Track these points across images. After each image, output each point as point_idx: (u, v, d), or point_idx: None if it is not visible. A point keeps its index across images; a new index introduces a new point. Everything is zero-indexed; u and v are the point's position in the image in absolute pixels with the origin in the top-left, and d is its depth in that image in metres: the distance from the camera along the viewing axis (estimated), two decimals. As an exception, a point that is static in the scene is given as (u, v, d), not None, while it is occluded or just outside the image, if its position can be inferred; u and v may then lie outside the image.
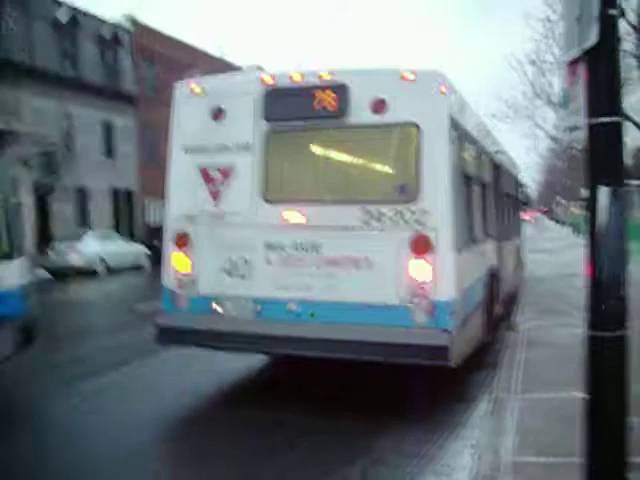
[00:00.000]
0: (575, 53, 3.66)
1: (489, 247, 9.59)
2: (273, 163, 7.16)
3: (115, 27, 37.58)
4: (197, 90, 7.51)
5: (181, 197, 7.54)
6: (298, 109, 7.03)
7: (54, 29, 33.21)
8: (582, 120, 3.68)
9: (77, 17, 34.57)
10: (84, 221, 34.46)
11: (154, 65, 40.86)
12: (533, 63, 25.26)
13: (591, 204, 3.59)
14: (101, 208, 36.03)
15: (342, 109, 6.80)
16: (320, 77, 6.93)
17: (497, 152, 11.68)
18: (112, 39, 37.14)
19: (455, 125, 6.99)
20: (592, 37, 3.45)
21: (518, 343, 9.04)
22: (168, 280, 7.45)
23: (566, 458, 4.69)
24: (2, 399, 7.61)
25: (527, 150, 55.83)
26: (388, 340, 6.39)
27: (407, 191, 6.64)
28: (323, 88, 6.88)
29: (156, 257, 30.78)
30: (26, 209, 30.41)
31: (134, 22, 39.94)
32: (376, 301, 6.55)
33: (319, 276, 6.77)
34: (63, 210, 32.77)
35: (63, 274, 25.71)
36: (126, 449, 5.89)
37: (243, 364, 8.91)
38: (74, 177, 33.52)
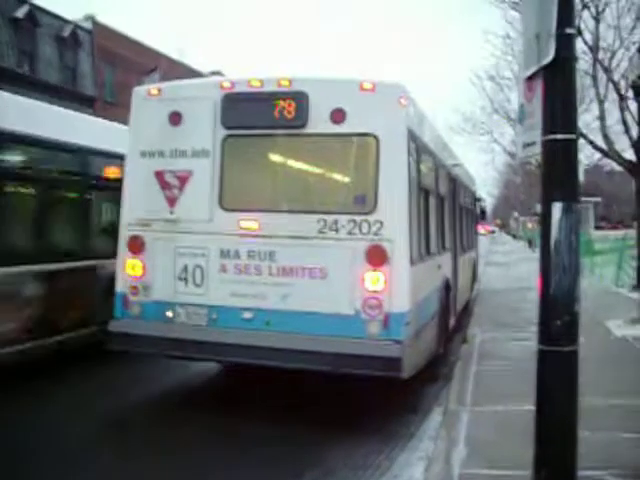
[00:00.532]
0: (533, 69, 3.70)
1: (445, 259, 9.65)
2: (230, 170, 7.07)
3: (75, 27, 37.08)
4: (155, 94, 7.39)
5: (137, 202, 7.36)
6: (257, 116, 6.95)
7: (12, 27, 32.64)
8: (538, 136, 3.71)
9: (36, 15, 34.02)
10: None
11: (114, 67, 40.43)
12: (492, 79, 25.69)
13: (545, 218, 3.62)
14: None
15: (301, 118, 6.75)
16: (279, 84, 6.87)
17: (454, 165, 11.78)
18: (72, 39, 36.63)
19: (413, 137, 7.03)
20: (550, 53, 3.49)
21: (471, 355, 9.11)
22: (121, 285, 7.29)
23: (516, 471, 4.71)
24: None
25: (484, 165, 56.61)
26: (342, 351, 6.34)
27: (364, 202, 6.64)
28: (282, 96, 6.81)
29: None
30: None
31: (95, 22, 39.49)
32: (330, 311, 6.51)
33: (274, 285, 6.71)
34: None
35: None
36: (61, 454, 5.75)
37: (195, 371, 8.80)
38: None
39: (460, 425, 6.07)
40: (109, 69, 40.22)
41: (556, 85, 3.60)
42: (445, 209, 9.98)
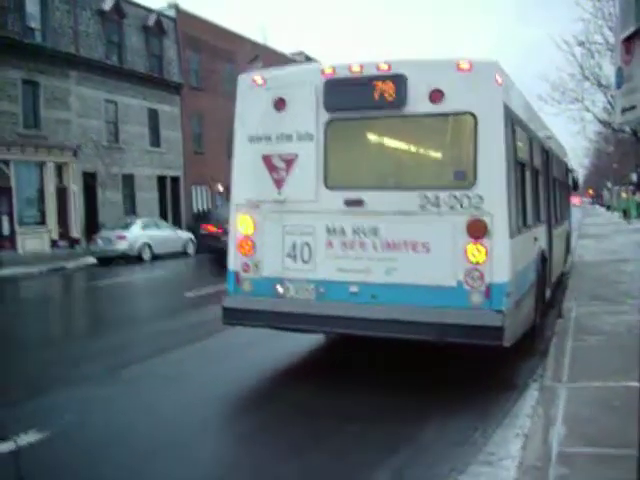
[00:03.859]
0: (631, 29, 3.51)
1: (540, 231, 9.70)
2: (334, 151, 7.34)
3: (159, 15, 37.79)
4: (259, 81, 7.69)
5: (245, 184, 7.77)
6: (358, 99, 7.19)
7: (99, 19, 33.56)
8: (639, 100, 3.53)
9: (121, 6, 34.85)
10: (131, 208, 34.93)
11: (198, 53, 41.04)
12: (582, 44, 24.75)
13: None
14: (147, 195, 36.44)
15: (400, 99, 6.93)
16: (379, 68, 7.08)
17: (547, 137, 11.69)
18: (156, 27, 37.37)
19: (509, 113, 7.13)
20: (649, 12, 3.31)
21: (567, 330, 8.86)
22: (233, 263, 7.74)
23: (619, 449, 4.56)
24: (49, 381, 7.76)
25: (574, 134, 54.54)
26: (446, 321, 6.58)
27: (464, 177, 6.82)
28: (382, 79, 7.01)
29: (200, 243, 31.17)
30: (74, 196, 30.95)
31: (178, 10, 40.13)
32: (434, 283, 6.75)
33: (379, 259, 6.99)
34: (111, 197, 33.23)
35: (109, 260, 26.14)
36: (175, 433, 5.94)
37: (296, 345, 8.94)
38: (121, 165, 33.96)
39: (557, 402, 5.92)
40: (194, 55, 40.85)
41: (656, 45, 3.41)
42: (539, 181, 10.05)
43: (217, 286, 16.33)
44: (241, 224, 7.67)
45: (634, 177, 43.82)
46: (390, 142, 7.76)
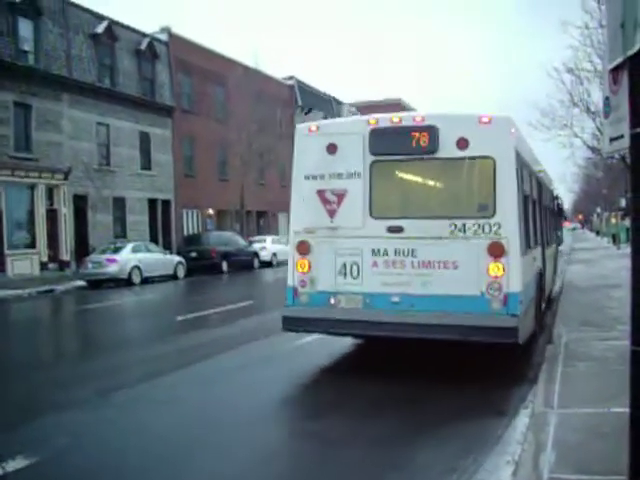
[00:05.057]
0: (618, 60, 3.57)
1: (537, 252, 11.04)
2: (377, 187, 8.81)
3: (152, 39, 38.00)
4: (314, 130, 9.23)
5: (303, 214, 9.19)
6: (397, 145, 8.65)
7: (92, 42, 33.72)
8: (626, 129, 3.58)
9: (114, 30, 35.04)
10: (121, 231, 34.88)
11: (190, 76, 41.24)
12: (571, 71, 25.01)
13: (636, 217, 3.48)
14: (138, 218, 36.41)
15: (433, 146, 8.42)
16: (414, 120, 8.64)
17: (540, 171, 12.99)
18: (149, 51, 37.57)
19: (518, 157, 8.66)
20: (636, 43, 3.36)
21: (557, 356, 8.88)
22: (292, 280, 9.11)
23: (607, 476, 4.56)
24: (38, 405, 7.70)
25: (564, 160, 54.89)
26: (472, 323, 8.00)
27: (486, 209, 8.29)
28: (417, 129, 8.51)
29: (191, 267, 31.11)
30: (65, 219, 30.88)
31: (170, 34, 40.37)
32: (461, 293, 8.19)
33: (416, 275, 8.43)
34: (101, 220, 33.18)
35: (99, 283, 26.07)
36: (167, 457, 5.89)
37: (279, 375, 8.91)
38: (112, 187, 33.95)
39: (548, 428, 5.92)
40: (186, 79, 41.06)
41: (644, 76, 3.46)
42: (536, 210, 11.52)
43: (207, 310, 16.35)
44: (299, 247, 9.06)
45: (623, 202, 44.10)
46: (424, 180, 9.23)
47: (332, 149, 8.95)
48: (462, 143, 8.32)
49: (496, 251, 8.12)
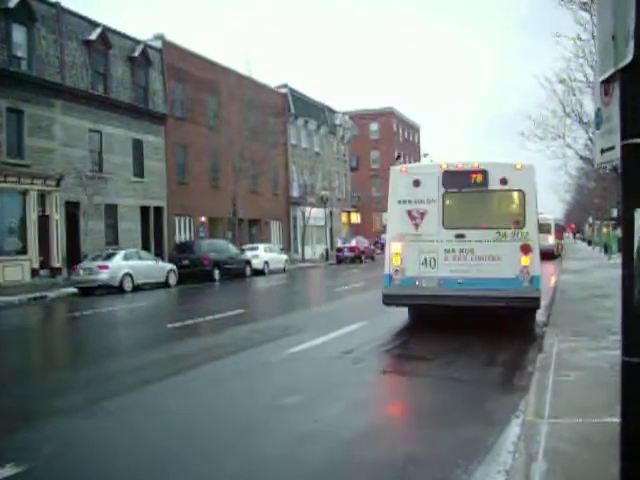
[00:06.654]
0: (609, 72, 3.59)
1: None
2: (447, 208, 12.87)
3: (145, 46, 38.02)
4: (404, 171, 13.46)
5: (396, 226, 13.16)
6: (461, 182, 12.86)
7: (86, 49, 33.71)
8: (617, 140, 3.59)
9: (108, 37, 35.05)
10: (113, 238, 34.80)
11: (183, 84, 41.27)
12: (563, 82, 25.09)
13: (627, 226, 3.49)
14: (130, 225, 36.35)
15: (485, 183, 12.69)
16: (472, 166, 12.83)
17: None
18: (142, 58, 37.58)
19: (536, 189, 12.68)
20: (628, 55, 3.38)
21: (548, 365, 8.88)
22: (388, 269, 13.02)
23: (599, 486, 4.56)
24: (28, 413, 7.65)
25: (556, 169, 55.02)
26: (510, 295, 12.10)
27: (519, 223, 12.49)
28: (474, 172, 12.76)
29: (183, 275, 31.02)
30: (56, 226, 30.78)
31: (164, 41, 40.39)
32: (503, 276, 12.23)
33: (474, 265, 12.51)
34: (93, 227, 33.10)
35: (91, 290, 25.99)
36: (159, 465, 5.85)
37: (272, 384, 8.87)
38: (104, 194, 33.89)
39: (539, 437, 5.91)
40: (179, 86, 41.10)
41: (635, 88, 3.48)
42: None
43: (198, 318, 16.31)
44: (394, 247, 13.03)
45: (615, 212, 44.25)
46: (479, 204, 13.07)
47: (416, 183, 12.96)
48: (503, 181, 12.56)
49: (526, 249, 12.28)
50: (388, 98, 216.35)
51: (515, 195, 12.66)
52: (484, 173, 12.57)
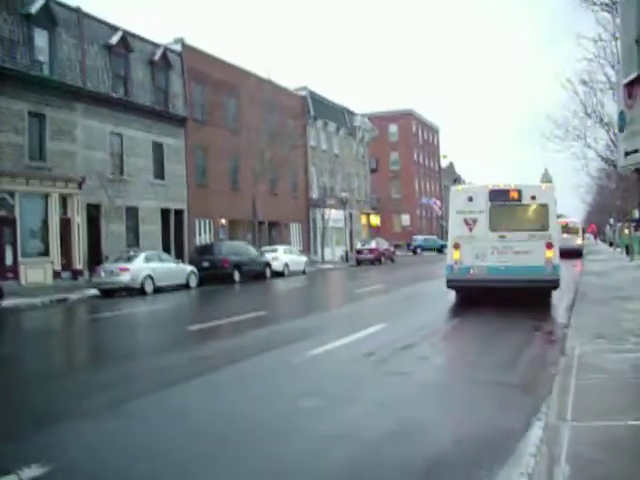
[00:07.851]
0: (633, 75, 3.59)
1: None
2: (493, 216, 16.98)
3: (165, 50, 38.26)
4: (460, 190, 18.10)
5: (455, 230, 17.32)
6: (503, 197, 17.08)
7: (106, 53, 33.98)
8: (641, 143, 3.59)
9: (128, 41, 35.31)
10: (134, 240, 35.04)
11: (203, 87, 41.47)
12: (584, 83, 24.98)
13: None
14: (151, 228, 36.58)
15: (520, 198, 16.99)
16: (511, 187, 17.10)
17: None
18: (162, 62, 37.83)
19: (555, 201, 17.08)
20: (651, 59, 3.38)
21: (571, 368, 8.83)
22: (450, 261, 17.26)
23: (623, 490, 4.54)
24: (52, 414, 7.74)
25: (577, 171, 54.81)
26: (538, 278, 16.56)
27: (544, 227, 16.74)
28: (512, 191, 17.03)
29: (203, 277, 31.15)
30: (78, 228, 31.06)
31: (184, 44, 40.62)
32: (533, 264, 16.47)
33: (512, 256, 16.66)
34: (114, 229, 33.36)
35: (112, 292, 26.18)
36: (182, 468, 5.90)
37: (295, 387, 8.88)
38: (125, 197, 34.13)
39: (561, 441, 5.88)
40: (199, 89, 41.32)
41: (658, 91, 3.49)
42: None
43: (219, 320, 16.38)
44: (454, 246, 17.14)
45: (637, 214, 43.83)
46: (516, 213, 17.25)
47: (470, 199, 17.16)
48: (533, 197, 16.92)
49: (549, 246, 16.51)
50: (407, 99, 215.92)
51: (541, 207, 16.92)
52: (519, 191, 16.96)
